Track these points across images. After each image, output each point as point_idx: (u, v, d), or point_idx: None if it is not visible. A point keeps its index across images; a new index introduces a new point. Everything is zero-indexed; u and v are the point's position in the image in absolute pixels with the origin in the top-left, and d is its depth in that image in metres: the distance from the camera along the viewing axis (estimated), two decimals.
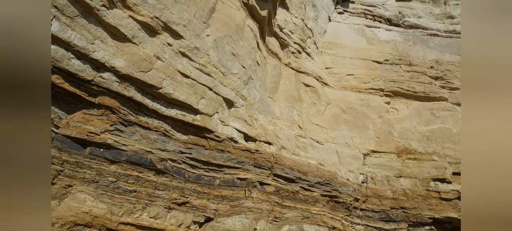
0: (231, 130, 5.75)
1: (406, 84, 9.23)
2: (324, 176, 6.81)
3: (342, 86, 9.14)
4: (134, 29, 4.73)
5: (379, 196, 7.53)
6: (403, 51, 9.74)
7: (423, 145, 8.50)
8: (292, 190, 6.14)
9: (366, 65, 9.36)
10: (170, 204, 4.84)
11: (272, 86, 7.85)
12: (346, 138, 8.31)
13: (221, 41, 6.01)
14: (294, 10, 8.80)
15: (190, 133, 5.34)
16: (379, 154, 8.24)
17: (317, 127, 8.24)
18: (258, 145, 6.10)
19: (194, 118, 5.30)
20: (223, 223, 5.02)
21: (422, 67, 9.55)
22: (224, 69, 5.97)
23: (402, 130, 8.68)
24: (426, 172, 8.02)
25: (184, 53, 5.35)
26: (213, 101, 5.65)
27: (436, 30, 10.54)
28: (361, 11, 10.53)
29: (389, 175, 7.92)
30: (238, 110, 6.13)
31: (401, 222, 7.37)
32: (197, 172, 5.25)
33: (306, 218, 6.02)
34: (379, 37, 10.01)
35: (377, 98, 9.05)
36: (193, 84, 5.37)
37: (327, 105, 8.69)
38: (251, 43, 6.90)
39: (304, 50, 9.07)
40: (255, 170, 5.77)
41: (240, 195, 5.43)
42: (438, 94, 9.37)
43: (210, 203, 5.15)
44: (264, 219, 5.38)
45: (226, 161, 5.44)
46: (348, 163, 7.71)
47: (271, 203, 5.70)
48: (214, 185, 5.33)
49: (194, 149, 5.22)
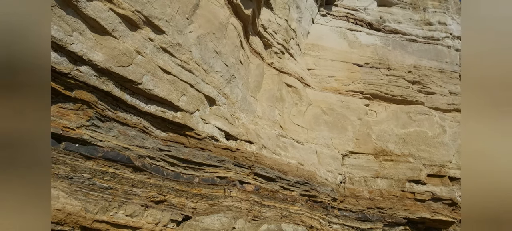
0: (212, 128, 5.71)
1: (385, 87, 9.47)
2: (303, 176, 6.89)
3: (323, 88, 9.26)
4: (114, 22, 4.61)
5: (357, 196, 7.71)
6: (383, 55, 9.99)
7: (399, 147, 8.75)
8: (271, 189, 6.18)
9: (347, 68, 9.54)
10: (147, 202, 4.76)
11: (255, 85, 7.87)
12: (326, 139, 8.44)
13: (204, 38, 5.96)
14: (278, 11, 8.84)
15: (170, 130, 5.26)
16: (357, 155, 8.43)
17: (298, 127, 8.32)
18: (239, 143, 6.10)
19: (174, 115, 5.23)
20: (201, 221, 4.98)
21: (400, 71, 9.82)
22: (206, 67, 5.92)
23: (380, 132, 8.91)
24: (402, 173, 8.27)
25: (165, 49, 5.26)
26: (195, 98, 5.59)
27: (415, 36, 10.87)
28: (344, 15, 10.71)
29: (366, 176, 8.11)
30: (220, 108, 6.10)
31: (377, 222, 7.57)
32: (176, 170, 5.19)
33: (284, 217, 6.08)
34: (360, 40, 10.22)
35: (357, 100, 9.24)
36: (174, 81, 5.29)
37: (308, 106, 8.79)
38: (234, 42, 6.88)
39: (287, 50, 9.13)
40: (235, 169, 5.77)
41: (220, 193, 5.41)
42: (415, 98, 9.67)
43: (188, 202, 5.10)
44: (243, 218, 5.38)
45: (206, 159, 5.40)
46: (327, 163, 7.83)
47: (250, 202, 5.71)
48: (193, 183, 5.28)
49: (174, 146, 5.15)
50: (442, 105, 9.93)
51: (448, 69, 10.49)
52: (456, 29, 11.42)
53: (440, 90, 10.04)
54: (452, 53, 10.90)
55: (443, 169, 8.74)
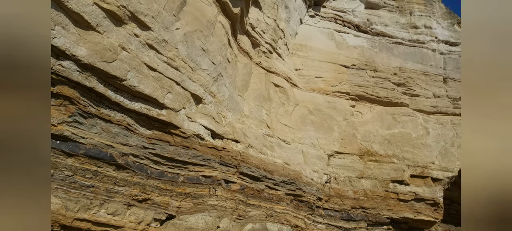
0: (198, 127, 5.66)
1: (370, 89, 9.60)
2: (289, 175, 6.91)
3: (310, 88, 9.32)
4: (98, 17, 4.51)
5: (341, 196, 7.79)
6: (370, 57, 10.12)
7: (384, 147, 8.89)
8: (257, 189, 6.18)
9: (334, 69, 9.62)
10: (130, 200, 4.68)
11: (242, 84, 7.84)
12: (312, 139, 8.49)
13: (191, 36, 5.90)
14: (266, 10, 8.84)
15: (155, 128, 5.19)
16: (343, 155, 8.52)
17: (284, 126, 8.34)
18: (225, 142, 6.07)
19: (159, 112, 5.16)
20: (185, 220, 4.93)
21: (386, 73, 9.98)
22: (193, 64, 5.86)
23: (365, 132, 9.03)
24: (386, 173, 8.41)
25: (151, 46, 5.18)
26: (180, 96, 5.53)
27: (401, 39, 11.05)
28: (332, 16, 10.79)
29: (351, 176, 8.20)
30: (206, 107, 6.05)
31: (360, 222, 7.67)
32: (160, 168, 5.12)
33: (270, 216, 6.08)
34: (348, 42, 10.32)
35: (343, 101, 9.33)
36: (160, 78, 5.22)
37: (295, 106, 8.82)
38: (222, 40, 6.84)
39: (275, 50, 9.14)
40: (221, 168, 5.73)
41: (204, 192, 5.37)
42: (400, 100, 9.84)
43: (172, 200, 5.04)
44: (228, 217, 5.36)
45: (192, 157, 5.35)
46: (313, 163, 7.89)
47: (235, 201, 5.69)
48: (177, 182, 5.22)
49: (158, 144, 5.08)
50: (426, 107, 10.13)
51: (432, 72, 10.71)
52: (441, 33, 11.67)
53: (424, 92, 10.24)
54: (436, 56, 11.13)
55: (426, 170, 8.93)
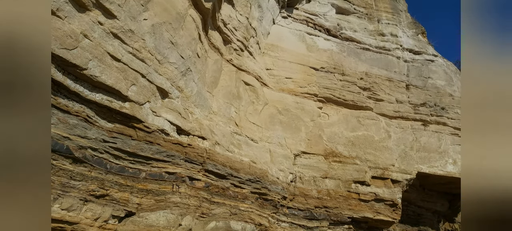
0: (163, 121, 5.51)
1: (338, 92, 9.86)
2: (255, 174, 6.93)
3: (280, 88, 9.40)
4: (59, 1, 4.25)
5: (306, 195, 7.93)
6: (338, 61, 10.39)
7: (348, 149, 9.17)
8: (222, 186, 6.12)
9: (304, 70, 9.77)
10: (87, 196, 4.45)
11: (212, 80, 7.74)
12: (280, 138, 8.57)
13: (160, 28, 5.72)
14: (239, 8, 8.79)
15: (116, 121, 4.97)
16: (309, 155, 8.68)
17: (253, 125, 8.35)
18: (191, 139, 5.96)
19: (122, 105, 4.95)
20: (146, 218, 4.78)
21: (353, 77, 10.29)
22: (160, 57, 5.69)
23: (331, 134, 9.25)
24: (349, 174, 8.67)
25: (116, 35, 4.96)
26: (145, 89, 5.34)
27: (368, 45, 11.44)
28: (304, 19, 10.94)
29: (316, 176, 8.38)
30: (173, 101, 5.90)
31: (323, 221, 7.85)
32: (121, 163, 4.92)
33: (234, 214, 6.05)
34: (318, 45, 10.52)
35: (311, 102, 9.50)
36: (124, 69, 5.01)
37: (264, 105, 8.85)
38: (192, 34, 6.70)
39: (247, 48, 9.12)
40: (186, 165, 5.62)
41: (167, 189, 5.23)
42: (365, 104, 10.19)
43: (133, 197, 4.86)
44: (191, 214, 5.26)
45: (155, 153, 5.19)
46: (279, 162, 7.96)
47: (199, 199, 5.60)
48: (139, 178, 5.05)
49: (120, 138, 4.88)
50: (389, 112, 10.57)
51: (396, 79, 11.19)
52: (406, 42, 12.22)
53: (388, 97, 10.68)
54: (400, 63, 11.64)
55: (386, 172, 9.32)
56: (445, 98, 11.46)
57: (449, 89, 11.73)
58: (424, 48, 12.44)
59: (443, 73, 12.08)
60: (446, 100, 11.45)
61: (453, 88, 11.88)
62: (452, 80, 12.11)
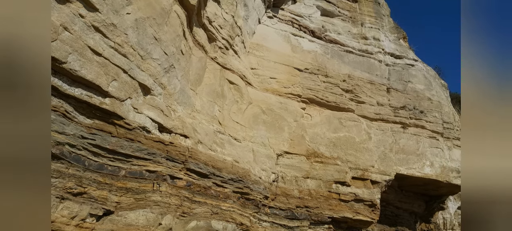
0: (145, 119, 5.40)
1: (321, 93, 9.97)
2: (238, 173, 6.91)
3: (264, 88, 9.41)
4: None
5: (287, 195, 7.98)
6: (322, 62, 10.50)
7: (329, 150, 9.29)
8: (204, 186, 6.07)
9: (288, 71, 9.82)
10: (64, 193, 4.31)
11: (196, 78, 7.66)
12: (263, 138, 8.58)
13: (143, 23, 5.61)
14: (225, 6, 8.74)
15: (96, 117, 4.84)
16: (291, 155, 8.74)
17: (236, 124, 8.32)
18: (173, 137, 5.87)
19: (102, 100, 4.82)
20: (124, 217, 4.67)
21: (336, 79, 10.43)
22: (143, 53, 5.58)
23: (313, 134, 9.35)
24: (330, 175, 8.79)
25: (98, 28, 4.82)
26: (127, 85, 5.22)
27: (352, 47, 11.63)
28: (289, 19, 10.99)
29: (297, 176, 8.44)
30: (155, 98, 5.80)
31: (304, 220, 7.93)
32: (99, 161, 4.79)
33: (215, 214, 6.02)
34: (303, 46, 10.60)
35: (295, 103, 9.57)
36: (105, 64, 4.88)
37: (248, 104, 8.84)
38: (176, 30, 6.61)
39: (232, 47, 9.08)
40: (167, 163, 5.53)
41: (148, 188, 5.14)
42: (347, 105, 10.35)
43: (111, 195, 4.74)
44: (171, 214, 5.19)
45: (135, 151, 5.09)
46: (262, 162, 7.97)
47: (180, 198, 5.53)
48: (118, 176, 4.93)
49: (99, 135, 4.75)
50: (370, 114, 10.78)
51: (377, 82, 11.43)
52: (387, 46, 12.50)
53: (369, 100, 10.89)
54: (382, 67, 11.90)
55: (366, 173, 9.51)
56: (424, 102, 11.80)
57: (428, 93, 12.09)
58: (405, 52, 12.77)
59: (422, 77, 12.43)
60: (425, 104, 11.79)
61: (432, 92, 12.25)
62: (431, 85, 12.49)
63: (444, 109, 12.20)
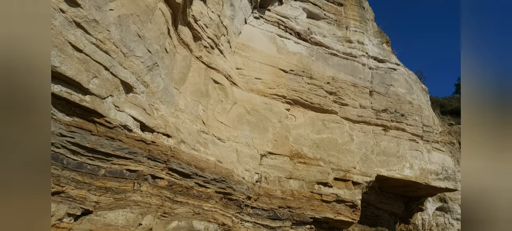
0: (126, 117, 5.32)
1: (305, 95, 10.07)
2: (221, 173, 6.90)
3: (249, 89, 9.42)
4: None
5: (270, 195, 8.02)
6: (307, 64, 10.60)
7: (312, 151, 9.39)
8: (186, 186, 6.03)
9: (273, 72, 9.87)
10: None
11: (180, 77, 7.59)
12: (247, 138, 8.59)
13: (127, 19, 5.52)
14: (211, 5, 8.69)
15: (76, 115, 4.73)
16: (275, 155, 8.78)
17: (221, 124, 8.30)
18: (156, 136, 5.80)
19: (82, 98, 4.72)
20: (103, 217, 4.59)
21: (320, 81, 10.55)
22: (126, 50, 5.49)
23: (297, 135, 9.43)
24: (312, 175, 8.89)
25: (79, 24, 4.71)
26: (108, 82, 5.12)
27: (336, 50, 11.79)
28: (275, 20, 11.04)
29: (281, 176, 8.50)
30: (137, 96, 5.72)
31: (286, 221, 7.98)
32: (78, 159, 4.68)
33: (197, 214, 5.98)
34: (288, 48, 10.67)
35: (279, 104, 9.63)
36: (86, 61, 4.78)
37: (233, 104, 8.83)
38: (161, 28, 6.53)
39: (217, 46, 9.04)
40: (149, 162, 5.46)
41: (128, 187, 5.06)
42: (330, 107, 10.49)
43: (90, 195, 4.64)
44: (152, 214, 5.13)
45: (116, 150, 5.00)
46: (245, 162, 7.98)
47: (161, 198, 5.47)
48: (98, 175, 4.83)
49: (79, 133, 4.64)
50: (352, 116, 10.96)
51: (360, 84, 11.63)
52: (371, 50, 12.74)
53: (352, 102, 11.07)
54: (365, 70, 12.11)
55: (348, 174, 9.67)
56: (405, 106, 12.10)
57: (409, 97, 12.39)
58: (388, 56, 13.05)
59: (404, 81, 12.74)
60: (406, 108, 12.09)
61: (413, 96, 12.57)
62: (412, 89, 12.81)
63: (424, 113, 12.54)
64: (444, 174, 12.06)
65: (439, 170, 12.00)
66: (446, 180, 12.03)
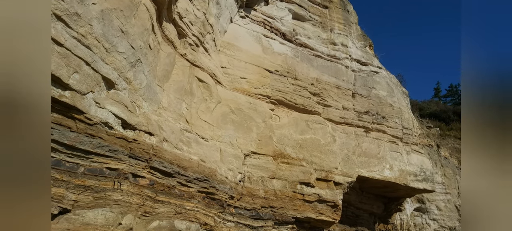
0: (107, 114, 5.19)
1: (289, 95, 10.13)
2: (204, 173, 6.85)
3: (234, 88, 9.40)
4: None
5: (253, 195, 8.03)
6: (292, 65, 10.67)
7: (295, 151, 9.47)
8: (168, 185, 5.95)
9: (258, 72, 9.88)
10: None
11: (163, 74, 7.48)
12: (231, 138, 8.57)
13: (110, 14, 5.39)
14: (197, 2, 8.61)
15: (54, 111, 4.57)
16: (258, 155, 8.80)
17: (204, 123, 8.24)
18: (137, 134, 5.70)
19: (61, 93, 4.57)
20: (82, 216, 4.46)
21: (304, 82, 10.65)
22: (108, 45, 5.35)
23: (280, 135, 9.49)
24: (295, 175, 8.96)
25: (60, 17, 4.56)
26: (89, 78, 4.99)
27: (321, 52, 11.93)
28: (261, 20, 11.06)
29: (264, 176, 8.52)
30: (119, 93, 5.59)
31: (268, 220, 8.02)
32: (57, 156, 4.53)
33: (178, 213, 5.92)
34: (273, 48, 10.71)
35: (264, 104, 9.65)
36: (67, 55, 4.63)
37: (217, 103, 8.78)
38: (145, 24, 6.41)
39: (202, 44, 8.96)
40: (130, 161, 5.36)
41: (108, 186, 4.94)
42: (314, 108, 10.61)
43: (68, 193, 4.51)
44: (132, 213, 5.03)
45: (96, 147, 4.87)
46: (229, 162, 7.96)
47: (142, 197, 5.38)
48: (76, 173, 4.69)
49: (57, 129, 4.50)
50: (335, 117, 11.13)
51: (343, 86, 11.82)
52: (354, 52, 12.97)
53: (335, 104, 11.24)
54: (348, 73, 12.32)
55: (330, 174, 9.81)
56: (386, 108, 12.38)
57: (390, 100, 12.70)
58: (371, 60, 13.32)
59: (385, 84, 13.04)
60: (387, 110, 12.38)
61: (394, 99, 12.89)
62: (393, 92, 13.13)
63: (404, 116, 12.88)
64: (422, 175, 12.43)
65: (417, 171, 12.35)
66: (424, 181, 12.40)
